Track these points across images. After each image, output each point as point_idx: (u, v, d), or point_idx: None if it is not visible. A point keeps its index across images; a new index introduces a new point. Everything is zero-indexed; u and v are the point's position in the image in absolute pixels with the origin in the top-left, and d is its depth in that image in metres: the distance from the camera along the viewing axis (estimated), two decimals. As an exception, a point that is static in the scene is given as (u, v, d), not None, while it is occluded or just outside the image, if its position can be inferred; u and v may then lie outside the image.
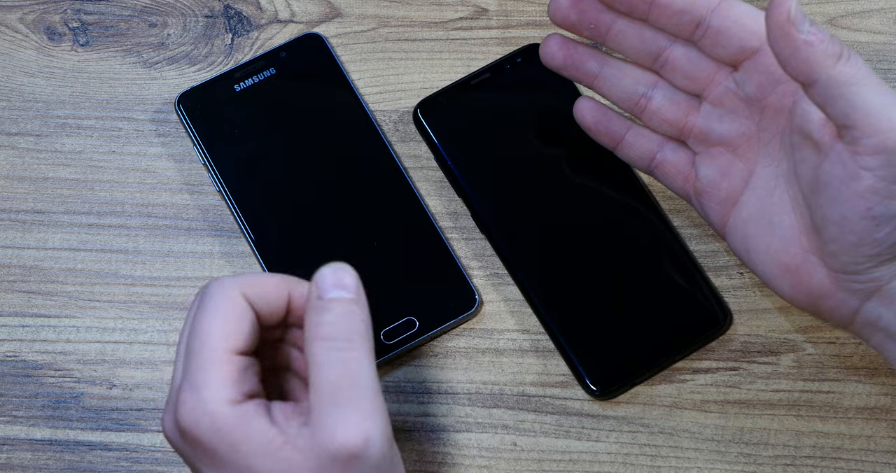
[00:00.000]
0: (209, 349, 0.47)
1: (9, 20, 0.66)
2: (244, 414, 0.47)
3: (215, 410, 0.46)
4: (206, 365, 0.47)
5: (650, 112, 0.55)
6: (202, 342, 0.48)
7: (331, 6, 0.66)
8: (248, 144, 0.62)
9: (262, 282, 0.49)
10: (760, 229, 0.51)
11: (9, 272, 0.61)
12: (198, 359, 0.47)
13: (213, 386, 0.47)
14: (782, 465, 0.57)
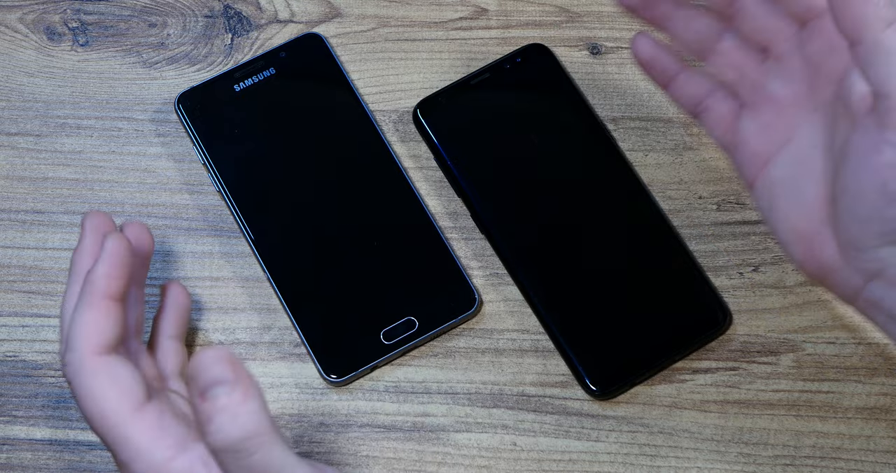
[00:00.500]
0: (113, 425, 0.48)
1: (9, 20, 0.66)
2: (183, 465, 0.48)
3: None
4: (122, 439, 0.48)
5: (717, 53, 0.54)
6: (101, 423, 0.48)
7: (330, 6, 0.66)
8: (248, 144, 0.62)
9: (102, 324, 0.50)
10: (787, 192, 0.51)
11: (9, 272, 0.61)
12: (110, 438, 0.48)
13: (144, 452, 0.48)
14: (782, 465, 0.57)
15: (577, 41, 0.65)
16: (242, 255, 0.61)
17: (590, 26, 0.65)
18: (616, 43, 0.65)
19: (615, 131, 0.63)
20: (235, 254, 0.61)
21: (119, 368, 0.49)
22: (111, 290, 0.50)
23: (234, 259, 0.61)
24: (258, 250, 0.60)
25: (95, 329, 0.50)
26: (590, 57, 0.65)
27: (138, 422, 0.48)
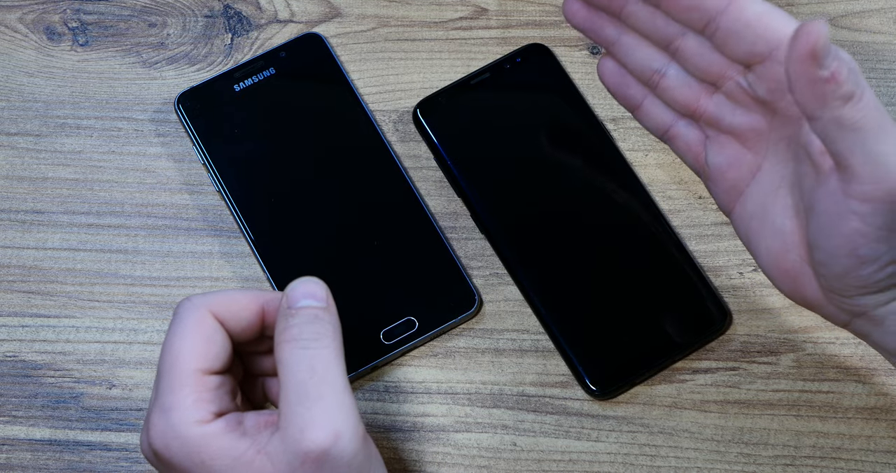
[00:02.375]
0: (178, 371, 0.48)
1: (8, 20, 0.66)
2: (213, 433, 0.47)
3: (184, 432, 0.47)
4: (175, 386, 0.48)
5: (662, 89, 0.53)
6: (171, 364, 0.48)
7: (330, 6, 0.66)
8: (248, 144, 0.62)
9: (232, 300, 0.50)
10: (763, 227, 0.50)
11: (8, 272, 0.61)
12: (166, 381, 0.48)
13: (181, 408, 0.47)
14: (782, 465, 0.57)
15: (577, 41, 0.65)
16: (242, 255, 0.61)
17: (590, 26, 0.65)
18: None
19: (615, 131, 0.63)
20: (235, 254, 0.61)
21: (212, 334, 0.49)
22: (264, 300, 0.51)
23: (234, 259, 0.61)
24: (258, 250, 0.60)
25: (229, 299, 0.50)
26: (590, 57, 0.65)
27: (201, 382, 0.48)
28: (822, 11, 0.65)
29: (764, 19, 0.47)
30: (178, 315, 0.49)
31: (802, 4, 0.65)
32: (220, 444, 0.47)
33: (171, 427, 0.47)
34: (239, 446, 0.47)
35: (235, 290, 0.51)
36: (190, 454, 0.47)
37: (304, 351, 0.47)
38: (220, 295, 0.50)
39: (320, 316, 0.48)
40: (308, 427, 0.46)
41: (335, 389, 0.47)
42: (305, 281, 0.49)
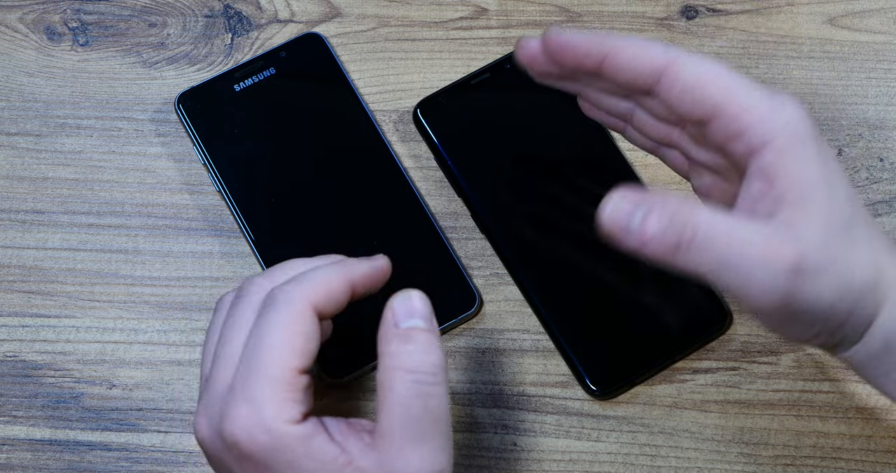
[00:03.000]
0: (275, 365, 0.46)
1: (8, 20, 0.66)
2: (305, 434, 0.46)
3: (276, 428, 0.45)
4: (270, 381, 0.46)
5: (636, 125, 0.51)
6: (266, 355, 0.46)
7: (331, 6, 0.66)
8: (248, 144, 0.62)
9: (329, 289, 0.48)
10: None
11: (8, 272, 0.61)
12: (260, 373, 0.46)
13: (275, 404, 0.46)
14: (782, 465, 0.57)
15: (578, 41, 0.65)
16: (242, 255, 0.61)
17: (590, 26, 0.65)
18: (616, 43, 0.65)
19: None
20: (235, 254, 0.61)
21: (311, 330, 0.48)
22: (358, 282, 0.50)
23: (234, 259, 0.61)
24: (258, 250, 0.60)
25: (328, 289, 0.49)
26: (590, 57, 0.64)
27: (297, 381, 0.47)
28: (822, 12, 0.65)
29: (700, 84, 0.45)
30: (276, 305, 0.47)
31: (802, 4, 0.65)
32: (310, 446, 0.46)
33: (262, 420, 0.45)
34: (329, 451, 0.46)
35: (327, 272, 0.49)
36: (278, 450, 0.45)
37: (425, 386, 0.46)
38: (319, 284, 0.48)
39: (435, 346, 0.47)
40: (416, 462, 0.45)
41: (444, 431, 0.46)
42: (413, 296, 0.48)
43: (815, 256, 0.43)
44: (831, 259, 0.43)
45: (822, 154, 0.44)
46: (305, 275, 0.49)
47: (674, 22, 0.65)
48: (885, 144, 0.63)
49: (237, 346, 0.48)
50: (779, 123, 0.44)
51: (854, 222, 0.44)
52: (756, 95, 0.44)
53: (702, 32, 0.65)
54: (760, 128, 0.44)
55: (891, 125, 0.63)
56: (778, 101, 0.44)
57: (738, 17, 0.65)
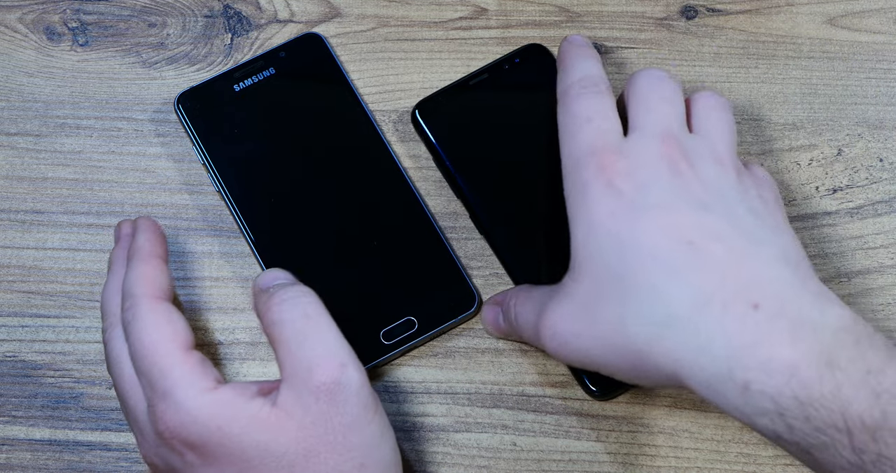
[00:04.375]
0: (161, 359, 0.49)
1: (8, 20, 0.66)
2: (222, 398, 0.48)
3: (193, 405, 0.48)
4: (166, 370, 0.49)
5: None
6: (151, 356, 0.49)
7: (330, 6, 0.66)
8: (248, 144, 0.62)
9: (153, 274, 0.52)
10: None
11: (8, 272, 0.61)
12: (156, 373, 0.49)
13: (182, 385, 0.48)
14: (782, 465, 0.57)
15: (577, 41, 0.65)
16: (242, 255, 0.61)
17: (590, 26, 0.65)
18: (616, 43, 0.65)
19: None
20: (235, 254, 0.61)
21: (173, 313, 0.51)
22: (157, 251, 0.54)
23: (234, 259, 0.61)
24: (258, 250, 0.60)
25: (151, 278, 0.52)
26: (590, 57, 0.64)
27: (187, 358, 0.49)
28: (822, 12, 0.65)
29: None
30: (129, 321, 0.51)
31: (802, 4, 0.66)
32: (231, 407, 0.47)
33: (177, 405, 0.48)
34: (251, 406, 0.47)
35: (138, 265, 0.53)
36: (205, 424, 0.47)
37: (295, 304, 0.50)
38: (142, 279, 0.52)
39: (296, 283, 0.52)
40: (314, 363, 0.48)
41: (331, 328, 0.49)
42: (268, 271, 0.54)
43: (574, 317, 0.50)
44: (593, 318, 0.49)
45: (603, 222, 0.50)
46: (126, 285, 0.53)
47: (673, 22, 0.65)
48: (885, 144, 0.63)
49: (129, 374, 0.51)
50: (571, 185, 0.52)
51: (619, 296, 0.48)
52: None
53: (701, 32, 0.65)
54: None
55: (890, 125, 0.63)
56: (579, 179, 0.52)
57: (738, 17, 0.65)
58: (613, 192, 0.49)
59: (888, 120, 0.63)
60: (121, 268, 0.55)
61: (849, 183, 0.62)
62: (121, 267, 0.55)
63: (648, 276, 0.47)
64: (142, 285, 0.52)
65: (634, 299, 0.47)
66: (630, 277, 0.47)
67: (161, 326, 0.50)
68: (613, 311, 0.48)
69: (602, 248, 0.48)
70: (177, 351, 0.49)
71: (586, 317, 0.49)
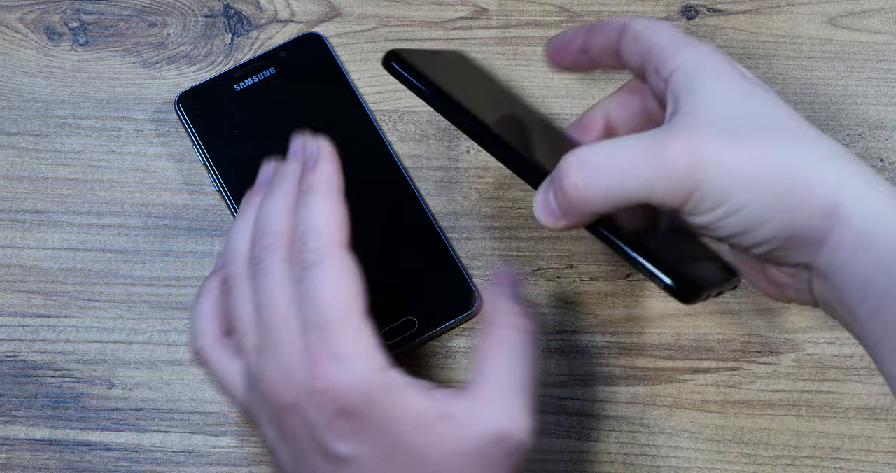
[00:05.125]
0: (344, 317, 0.46)
1: (8, 20, 0.66)
2: (396, 382, 0.45)
3: (369, 379, 0.45)
4: (347, 333, 0.46)
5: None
6: (333, 309, 0.46)
7: (331, 6, 0.66)
8: (248, 144, 0.62)
9: (338, 219, 0.48)
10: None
11: (8, 272, 0.61)
12: (334, 329, 0.45)
13: (364, 355, 0.45)
14: (782, 465, 0.57)
15: (578, 41, 0.65)
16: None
17: (590, 26, 0.65)
18: (616, 43, 0.65)
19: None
20: (235, 254, 0.61)
21: (355, 271, 0.48)
22: (340, 189, 0.50)
23: (234, 259, 0.61)
24: (258, 250, 0.60)
25: (340, 221, 0.48)
26: (590, 57, 0.64)
27: (367, 324, 0.46)
28: (822, 12, 0.65)
29: (643, 33, 0.49)
30: (314, 264, 0.47)
31: (803, 4, 0.65)
32: (402, 395, 0.45)
33: (353, 374, 0.45)
34: (420, 401, 0.45)
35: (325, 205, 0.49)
36: (373, 403, 0.45)
37: (530, 348, 0.47)
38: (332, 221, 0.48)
39: (532, 314, 0.49)
40: (514, 412, 0.45)
41: (531, 392, 0.47)
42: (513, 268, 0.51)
43: (713, 139, 0.43)
44: (738, 141, 0.43)
45: (734, 73, 0.46)
46: (312, 222, 0.48)
47: (674, 22, 0.65)
48: (886, 144, 0.63)
49: (287, 310, 0.47)
50: (691, 52, 0.46)
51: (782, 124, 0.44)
52: (677, 38, 0.47)
53: (702, 32, 0.65)
54: (673, 58, 0.46)
55: (891, 125, 0.63)
56: (696, 41, 0.47)
57: (739, 17, 0.65)
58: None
59: (889, 120, 0.63)
60: (291, 190, 0.50)
61: (849, 183, 0.62)
62: (291, 188, 0.50)
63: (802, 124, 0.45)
64: (334, 227, 0.48)
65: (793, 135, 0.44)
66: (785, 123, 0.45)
67: (351, 282, 0.47)
68: (768, 137, 0.44)
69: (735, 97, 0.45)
70: (361, 315, 0.46)
71: (734, 139, 0.44)
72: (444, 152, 0.63)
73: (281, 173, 0.51)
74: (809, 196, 0.43)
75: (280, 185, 0.51)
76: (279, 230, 0.49)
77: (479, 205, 0.62)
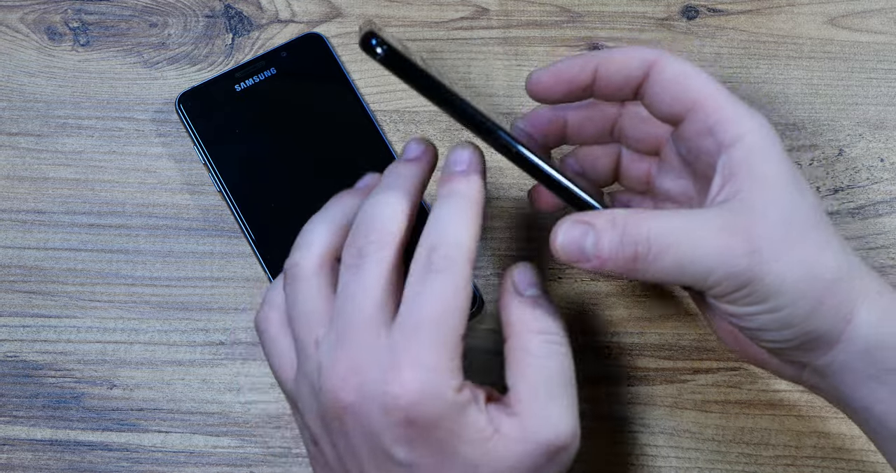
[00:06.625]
0: (446, 331, 0.45)
1: (9, 20, 0.66)
2: (465, 403, 0.45)
3: (444, 395, 0.45)
4: (442, 347, 0.45)
5: (620, 176, 0.55)
6: (438, 319, 0.45)
7: (331, 6, 0.66)
8: (249, 144, 0.62)
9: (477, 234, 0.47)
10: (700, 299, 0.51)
11: (9, 272, 0.61)
12: (430, 338, 0.45)
13: (445, 371, 0.45)
14: (783, 465, 0.57)
15: (578, 41, 0.65)
16: (243, 255, 0.61)
17: (591, 26, 0.65)
18: (617, 43, 0.65)
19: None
20: (236, 255, 0.61)
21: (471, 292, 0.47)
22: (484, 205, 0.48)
23: (235, 259, 0.61)
24: (259, 250, 0.60)
25: (476, 238, 0.47)
26: (591, 57, 0.64)
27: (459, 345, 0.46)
28: (822, 12, 0.65)
29: (683, 78, 0.48)
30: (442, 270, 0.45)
31: (803, 4, 0.65)
32: (468, 415, 0.45)
33: (433, 386, 0.44)
34: (480, 421, 0.46)
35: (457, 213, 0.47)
36: (442, 418, 0.45)
37: (558, 347, 0.47)
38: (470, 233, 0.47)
39: (557, 311, 0.49)
40: (555, 420, 0.46)
41: (574, 392, 0.47)
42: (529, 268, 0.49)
43: (772, 236, 0.44)
44: (792, 243, 0.45)
45: (789, 161, 0.46)
46: (454, 227, 0.46)
47: (674, 22, 0.65)
48: (886, 144, 0.63)
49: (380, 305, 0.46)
50: (749, 125, 0.46)
51: (821, 227, 0.46)
52: (730, 98, 0.47)
53: (702, 32, 0.65)
54: (732, 126, 0.46)
55: (891, 125, 0.63)
56: (749, 109, 0.47)
57: (739, 17, 0.65)
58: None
59: (889, 120, 0.63)
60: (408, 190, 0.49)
61: (850, 183, 0.62)
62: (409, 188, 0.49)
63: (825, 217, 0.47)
64: (472, 241, 0.46)
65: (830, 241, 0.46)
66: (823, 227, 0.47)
67: (466, 299, 0.46)
68: (815, 240, 0.46)
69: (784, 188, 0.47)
70: (460, 335, 0.45)
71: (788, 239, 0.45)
72: (444, 152, 0.63)
73: (396, 171, 0.50)
74: (838, 303, 0.46)
75: (398, 182, 0.49)
76: (393, 230, 0.47)
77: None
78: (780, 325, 0.46)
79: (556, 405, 0.46)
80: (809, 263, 0.45)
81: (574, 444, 0.47)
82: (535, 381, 0.46)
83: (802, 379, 0.49)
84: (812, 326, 0.46)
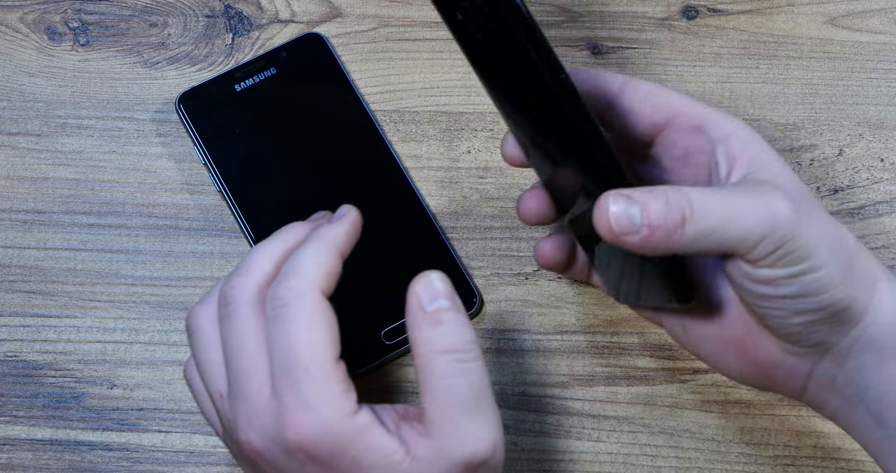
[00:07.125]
0: (316, 364, 0.46)
1: (9, 20, 0.66)
2: (363, 426, 0.45)
3: (337, 427, 0.45)
4: (318, 381, 0.45)
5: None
6: (303, 356, 0.46)
7: (331, 6, 0.66)
8: (249, 144, 0.62)
9: (327, 269, 0.48)
10: (698, 312, 0.52)
11: (9, 272, 0.61)
12: (304, 376, 0.45)
13: (331, 403, 0.45)
14: (783, 465, 0.57)
15: (578, 41, 0.65)
16: (243, 255, 0.61)
17: (591, 26, 0.65)
18: (617, 43, 0.65)
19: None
20: (236, 255, 0.61)
21: (331, 316, 0.47)
22: (344, 248, 0.49)
23: (235, 259, 0.61)
24: (259, 250, 0.60)
25: (327, 270, 0.48)
26: (590, 57, 0.65)
27: (338, 371, 0.46)
28: (822, 12, 0.65)
29: (658, 93, 0.52)
30: (288, 304, 0.46)
31: (803, 4, 0.65)
32: (369, 439, 0.45)
33: (322, 423, 0.45)
34: (388, 444, 0.45)
35: (317, 254, 0.48)
36: (342, 450, 0.45)
37: (465, 364, 0.46)
38: (318, 269, 0.47)
39: (464, 323, 0.47)
40: (470, 438, 0.45)
41: (490, 402, 0.47)
42: (433, 278, 0.48)
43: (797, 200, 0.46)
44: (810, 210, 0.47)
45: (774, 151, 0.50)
46: (298, 264, 0.48)
47: (674, 22, 0.65)
48: (886, 144, 0.63)
49: (255, 355, 0.47)
50: (735, 124, 0.50)
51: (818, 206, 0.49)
52: (708, 105, 0.51)
53: (702, 32, 0.65)
54: (721, 124, 0.50)
55: (891, 125, 0.63)
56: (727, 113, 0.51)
57: (739, 17, 0.65)
58: None
59: (889, 120, 0.63)
60: (292, 239, 0.50)
61: (850, 183, 0.62)
62: (293, 239, 0.50)
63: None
64: (320, 274, 0.47)
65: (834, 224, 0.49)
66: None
67: (324, 325, 0.46)
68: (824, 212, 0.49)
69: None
70: (332, 361, 0.46)
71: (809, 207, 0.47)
72: (444, 152, 0.63)
73: (291, 225, 0.51)
74: (861, 268, 0.48)
75: (282, 233, 0.51)
76: (257, 272, 0.48)
77: (479, 205, 0.62)
78: (817, 288, 0.46)
79: (469, 422, 0.46)
80: (833, 229, 0.47)
81: (496, 456, 0.46)
82: (446, 402, 0.46)
83: (810, 386, 0.50)
84: (844, 292, 0.47)
